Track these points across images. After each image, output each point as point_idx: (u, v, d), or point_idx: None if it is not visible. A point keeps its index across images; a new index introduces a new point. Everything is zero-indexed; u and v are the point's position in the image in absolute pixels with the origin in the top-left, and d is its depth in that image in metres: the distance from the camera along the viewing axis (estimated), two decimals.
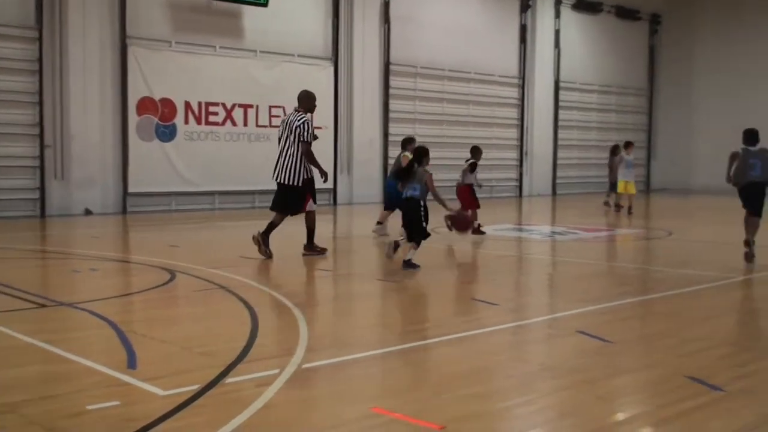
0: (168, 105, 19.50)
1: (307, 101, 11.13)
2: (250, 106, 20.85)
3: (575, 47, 29.67)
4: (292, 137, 10.85)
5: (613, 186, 21.64)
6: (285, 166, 10.92)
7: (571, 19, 29.54)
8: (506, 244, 13.75)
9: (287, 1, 21.55)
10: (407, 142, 14.75)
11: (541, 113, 28.35)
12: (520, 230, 15.95)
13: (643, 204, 25.60)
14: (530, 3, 27.73)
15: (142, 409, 4.39)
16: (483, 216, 15.51)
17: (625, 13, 31.45)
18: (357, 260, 11.94)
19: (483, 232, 14.40)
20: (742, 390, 4.89)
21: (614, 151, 22.23)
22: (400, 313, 7.77)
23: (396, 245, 10.40)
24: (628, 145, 21.06)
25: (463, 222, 11.71)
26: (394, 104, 24.02)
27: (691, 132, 32.46)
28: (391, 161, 23.66)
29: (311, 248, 11.54)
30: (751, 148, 11.45)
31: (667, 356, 5.81)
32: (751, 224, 11.29)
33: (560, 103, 29.14)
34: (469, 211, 13.75)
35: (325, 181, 11.41)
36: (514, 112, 27.81)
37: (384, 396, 4.79)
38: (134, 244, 14.10)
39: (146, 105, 19.16)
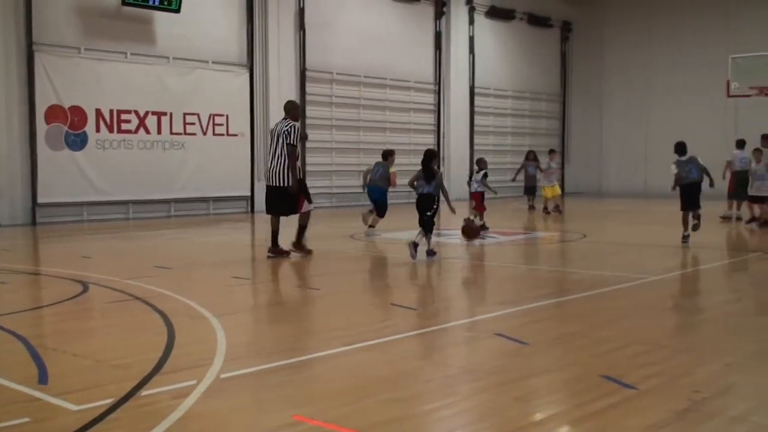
0: (78, 113, 19.04)
1: (293, 111, 12.06)
2: (164, 113, 20.54)
3: (490, 53, 30.12)
4: (281, 142, 11.70)
5: (528, 190, 22.63)
6: (277, 170, 11.72)
7: (485, 26, 29.98)
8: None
9: (200, 7, 21.31)
10: (389, 154, 16.53)
11: (457, 119, 28.69)
12: (440, 235, 16.06)
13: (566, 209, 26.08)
14: (444, 10, 28.06)
15: (53, 426, 4.27)
16: (404, 222, 15.80)
17: (537, 21, 32.08)
18: (276, 268, 11.86)
19: (487, 228, 16.06)
20: (654, 387, 5.02)
21: (528, 156, 23.09)
22: (319, 320, 7.74)
23: (415, 245, 11.78)
24: (552, 152, 22.92)
25: (473, 231, 14.18)
26: (310, 110, 23.96)
27: (601, 136, 33.35)
28: (309, 168, 23.69)
29: (299, 247, 12.24)
30: (683, 158, 13.92)
31: (582, 356, 5.93)
32: (686, 219, 14.00)
33: (476, 109, 29.54)
34: (475, 219, 15.78)
35: (292, 189, 11.87)
36: (430, 118, 28.07)
37: (304, 403, 4.76)
38: (45, 256, 13.70)
39: (55, 113, 18.68)
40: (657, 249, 14.19)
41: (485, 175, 16.86)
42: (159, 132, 20.48)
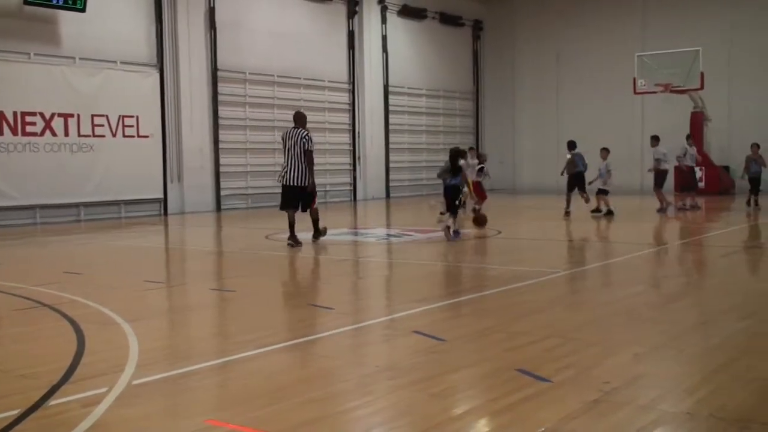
0: None
1: (302, 120, 13.92)
2: (71, 115, 20.01)
3: (403, 52, 30.28)
4: (297, 148, 13.42)
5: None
6: (295, 172, 13.46)
7: (397, 25, 30.12)
8: (342, 248, 13.83)
9: (106, 6, 20.82)
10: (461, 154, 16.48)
11: (372, 118, 28.76)
12: (356, 234, 16.10)
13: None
14: (357, 9, 28.09)
15: None
16: (327, 222, 15.66)
17: (449, 19, 32.39)
18: (191, 270, 11.71)
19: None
20: (566, 379, 5.11)
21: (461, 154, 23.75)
22: (235, 323, 7.65)
23: (454, 231, 14.34)
24: (470, 150, 23.06)
25: (482, 220, 16.22)
26: (224, 111, 23.71)
27: (514, 133, 33.87)
28: (224, 168, 23.44)
29: (318, 235, 14.15)
30: (574, 152, 18.98)
31: (497, 351, 6.00)
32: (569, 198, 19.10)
33: (390, 108, 29.66)
34: (476, 206, 18.93)
35: (310, 187, 13.64)
36: (345, 117, 28.08)
37: (219, 407, 4.70)
38: None
39: None
40: (568, 244, 14.52)
41: (482, 169, 20.24)
42: (66, 134, 19.93)
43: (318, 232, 14.25)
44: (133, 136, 21.35)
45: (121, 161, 21.00)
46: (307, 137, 13.63)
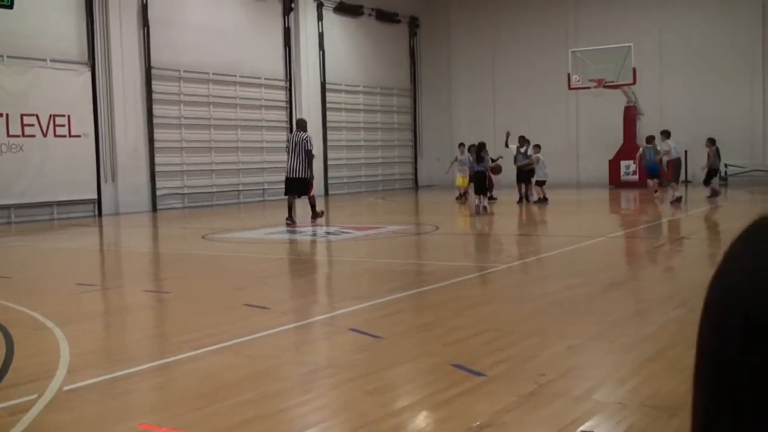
0: None
1: (303, 125, 17.67)
2: (0, 115, 19.55)
3: (340, 49, 30.22)
4: (299, 148, 16.93)
5: None
6: (297, 166, 17.00)
7: (334, 21, 30.06)
8: (279, 246, 13.81)
9: (35, 3, 20.31)
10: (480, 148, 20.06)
11: (309, 115, 28.54)
12: (294, 232, 16.05)
13: (412, 200, 26.58)
14: (293, 6, 27.95)
15: None
16: (257, 220, 15.55)
17: (385, 16, 32.45)
18: (126, 272, 11.54)
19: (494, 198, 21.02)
20: (502, 373, 5.18)
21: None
22: (170, 324, 7.57)
23: (482, 207, 18.16)
24: (461, 145, 24.28)
25: (497, 170, 19.98)
26: (158, 109, 23.38)
27: (451, 129, 34.06)
28: (159, 168, 23.16)
29: (315, 216, 17.41)
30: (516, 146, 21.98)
31: (434, 346, 6.05)
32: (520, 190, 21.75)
33: (327, 105, 29.57)
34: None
35: (310, 181, 17.46)
36: (282, 115, 27.92)
37: (153, 411, 4.65)
38: None
39: None
40: (505, 238, 14.69)
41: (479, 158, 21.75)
42: None
43: (315, 214, 17.47)
44: (64, 136, 20.87)
45: (53, 162, 20.52)
46: (307, 139, 17.07)
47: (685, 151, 24.13)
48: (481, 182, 18.52)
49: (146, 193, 23.06)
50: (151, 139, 23.15)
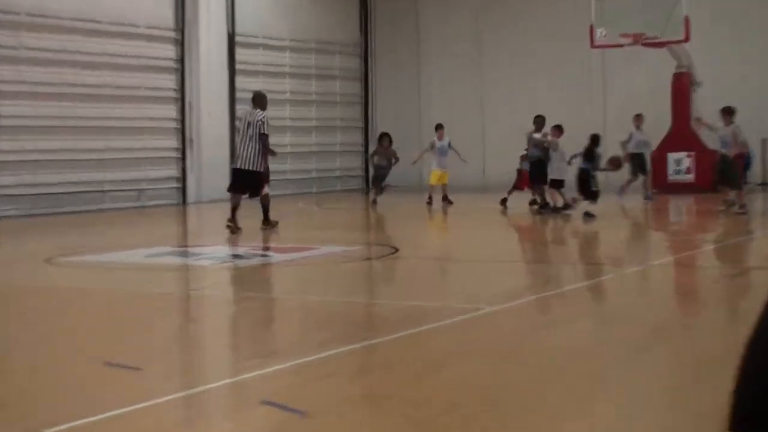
0: None
1: (261, 101, 18.55)
2: None
3: None
4: (252, 130, 17.88)
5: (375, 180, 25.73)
6: (249, 156, 17.89)
7: None
8: (163, 276, 13.66)
9: None
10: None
11: (210, 81, 28.39)
12: (185, 255, 15.88)
13: (362, 207, 26.52)
14: None
15: None
16: (130, 235, 15.41)
17: None
18: None
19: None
20: None
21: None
22: None
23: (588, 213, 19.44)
24: (438, 127, 25.29)
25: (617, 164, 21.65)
26: None
27: (420, 107, 33.88)
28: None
29: (267, 224, 18.37)
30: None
31: (388, 428, 5.96)
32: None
33: (238, 67, 29.38)
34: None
35: (274, 155, 19.03)
36: (170, 80, 27.79)
37: None
38: None
39: None
40: (496, 265, 14.64)
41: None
42: None
43: (267, 222, 18.43)
44: None
45: None
46: (262, 120, 18.00)
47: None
48: (585, 182, 19.91)
49: None
50: None
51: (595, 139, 20.46)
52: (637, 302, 11.21)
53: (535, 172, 21.80)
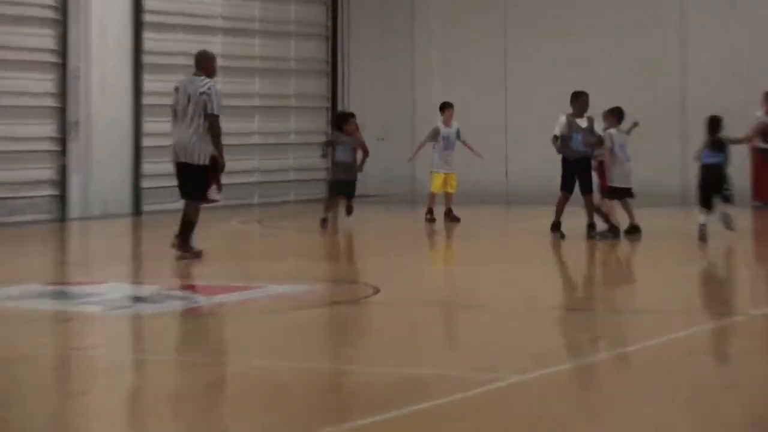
0: None
1: (207, 63, 18.48)
2: None
3: None
4: (193, 107, 17.79)
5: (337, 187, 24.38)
6: (188, 141, 17.87)
7: None
8: (36, 327, 13.66)
9: None
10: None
11: (104, 37, 28.44)
12: (63, 297, 15.84)
13: (334, 235, 26.55)
14: None
15: None
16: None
17: None
18: None
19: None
20: None
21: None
22: None
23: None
24: (445, 106, 25.74)
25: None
26: None
27: (413, 81, 34.00)
28: None
29: (186, 248, 18.22)
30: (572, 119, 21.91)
31: None
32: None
33: (146, 18, 29.61)
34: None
35: (221, 171, 18.46)
36: (47, 37, 27.91)
37: None
38: None
39: None
40: (523, 314, 14.59)
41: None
42: None
43: (186, 244, 18.37)
44: None
45: None
46: (208, 91, 17.91)
47: None
48: (719, 181, 20.46)
49: None
50: None
51: (714, 123, 20.72)
52: (732, 374, 11.16)
53: (580, 170, 21.88)
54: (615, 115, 22.07)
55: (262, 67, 32.42)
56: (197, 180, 18.10)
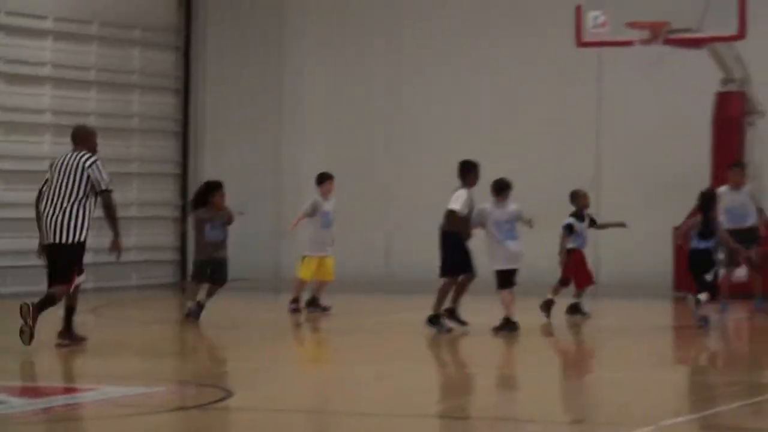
0: None
1: (88, 139, 19.59)
2: None
3: None
4: (75, 186, 18.88)
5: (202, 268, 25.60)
6: (62, 221, 18.84)
7: None
8: None
9: None
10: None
11: None
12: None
13: (174, 321, 26.51)
14: None
15: None
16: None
17: None
18: None
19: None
20: None
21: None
22: None
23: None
24: (324, 178, 26.82)
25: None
26: None
27: (280, 120, 34.00)
28: None
29: (69, 337, 19.54)
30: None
31: None
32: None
33: None
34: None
35: (119, 254, 19.99)
36: None
37: None
38: None
39: None
40: (416, 422, 14.44)
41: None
42: None
43: (69, 332, 19.69)
44: None
45: None
46: (95, 166, 19.11)
47: None
48: (705, 265, 22.21)
49: None
50: None
51: (708, 199, 22.14)
52: None
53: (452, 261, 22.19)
54: (493, 187, 22.39)
55: (97, 124, 32.38)
56: (64, 259, 18.95)
